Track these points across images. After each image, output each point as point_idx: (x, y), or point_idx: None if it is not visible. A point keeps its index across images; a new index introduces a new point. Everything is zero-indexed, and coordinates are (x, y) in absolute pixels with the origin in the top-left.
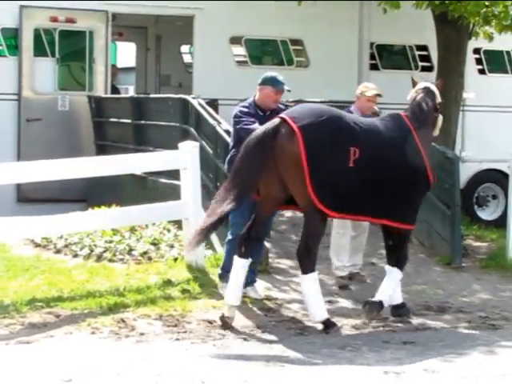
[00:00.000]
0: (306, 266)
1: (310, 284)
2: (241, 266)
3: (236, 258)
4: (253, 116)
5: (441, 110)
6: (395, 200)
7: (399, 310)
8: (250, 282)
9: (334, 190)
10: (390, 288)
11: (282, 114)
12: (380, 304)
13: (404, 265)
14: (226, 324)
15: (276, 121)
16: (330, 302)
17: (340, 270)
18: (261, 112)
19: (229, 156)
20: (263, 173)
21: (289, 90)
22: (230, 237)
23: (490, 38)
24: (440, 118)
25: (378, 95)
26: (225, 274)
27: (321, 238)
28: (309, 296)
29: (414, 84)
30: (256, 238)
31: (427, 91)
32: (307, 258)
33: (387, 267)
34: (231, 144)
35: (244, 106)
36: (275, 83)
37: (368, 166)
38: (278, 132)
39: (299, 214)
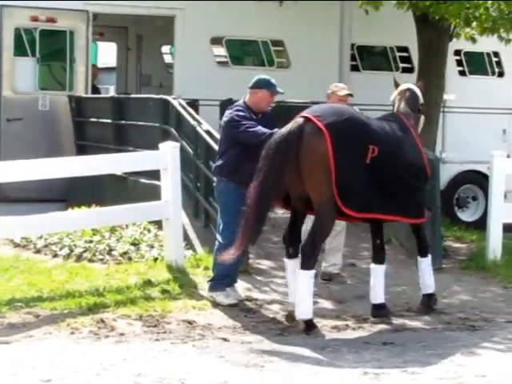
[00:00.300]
0: (307, 263)
1: (305, 280)
2: (292, 266)
3: (286, 260)
4: (249, 119)
5: (423, 110)
6: (405, 196)
7: (380, 311)
8: (230, 282)
9: (353, 189)
10: (383, 285)
11: (305, 113)
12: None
13: (428, 252)
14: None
15: (300, 120)
16: None
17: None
18: (253, 115)
19: (221, 161)
20: (289, 172)
21: (282, 93)
22: (223, 242)
23: (473, 40)
24: (422, 118)
25: (350, 95)
26: (218, 285)
27: (327, 236)
28: (301, 292)
29: (397, 85)
30: (297, 238)
31: (411, 92)
32: (310, 255)
33: (373, 266)
34: (222, 149)
35: (239, 110)
36: (270, 86)
37: (382, 164)
38: (304, 131)
39: (280, 215)
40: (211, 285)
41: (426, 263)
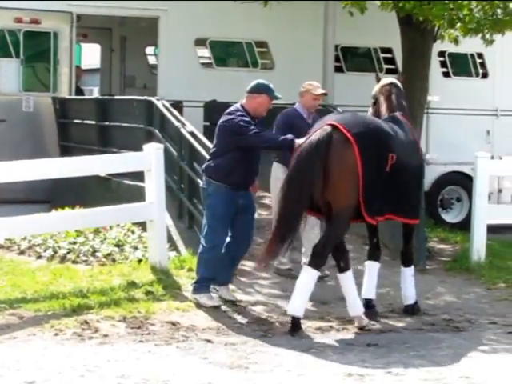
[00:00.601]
0: (315, 262)
1: (308, 278)
2: (347, 277)
3: (339, 275)
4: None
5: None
6: (409, 197)
7: (369, 311)
8: (225, 281)
9: (375, 195)
10: (375, 282)
11: (332, 121)
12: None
13: (412, 262)
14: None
15: (328, 128)
16: None
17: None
18: (252, 120)
19: (214, 163)
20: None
21: (280, 98)
22: (206, 245)
23: (456, 41)
24: None
25: (324, 94)
26: (202, 287)
27: (340, 240)
28: (300, 288)
29: (378, 80)
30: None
31: (395, 86)
32: (321, 256)
33: (368, 262)
34: (218, 152)
35: (242, 115)
36: (271, 91)
37: (396, 170)
38: (332, 139)
39: (264, 217)
40: (195, 287)
41: (409, 273)
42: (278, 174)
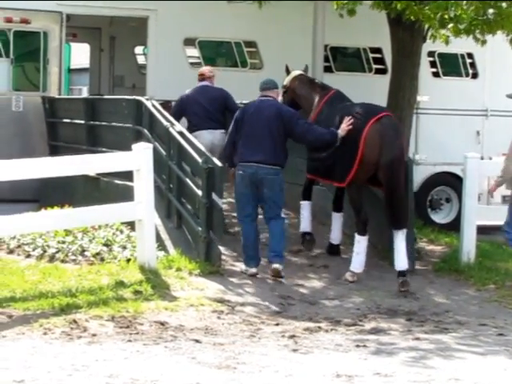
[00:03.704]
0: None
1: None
2: (365, 241)
3: (363, 237)
4: None
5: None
6: None
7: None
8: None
9: None
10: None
11: (384, 111)
12: None
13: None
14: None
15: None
16: (281, 304)
17: None
18: None
19: (281, 154)
20: None
21: None
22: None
23: (447, 41)
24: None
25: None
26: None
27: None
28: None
29: (288, 71)
30: None
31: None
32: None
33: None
34: (279, 142)
35: None
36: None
37: None
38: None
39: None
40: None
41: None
42: None
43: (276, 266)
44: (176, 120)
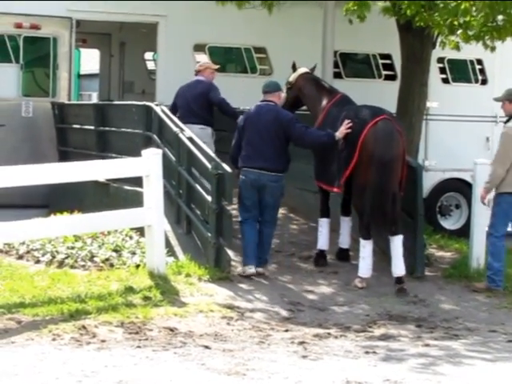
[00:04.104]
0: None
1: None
2: (370, 245)
3: (367, 242)
4: None
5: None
6: None
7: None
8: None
9: None
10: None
11: (386, 115)
12: None
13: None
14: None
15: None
16: (291, 310)
17: None
18: None
19: (283, 159)
20: None
21: None
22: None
23: (457, 47)
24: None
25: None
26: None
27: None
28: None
29: (295, 68)
30: None
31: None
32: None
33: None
34: (282, 147)
35: None
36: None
37: None
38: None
39: None
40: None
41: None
42: None
43: (261, 270)
44: (173, 113)
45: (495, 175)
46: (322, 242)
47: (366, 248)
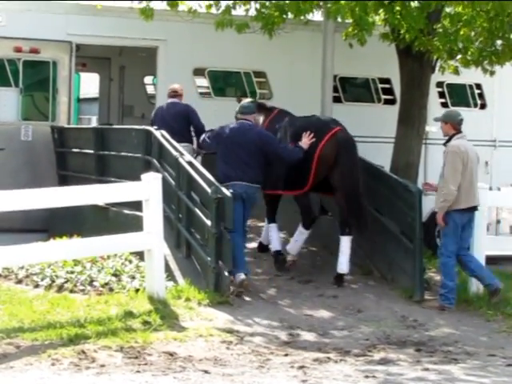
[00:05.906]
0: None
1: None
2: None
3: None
4: None
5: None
6: None
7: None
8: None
9: None
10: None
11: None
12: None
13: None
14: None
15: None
16: (290, 335)
17: None
18: None
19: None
20: None
21: None
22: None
23: (457, 72)
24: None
25: None
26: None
27: None
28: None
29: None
30: None
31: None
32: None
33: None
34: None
35: None
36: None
37: None
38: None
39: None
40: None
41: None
42: None
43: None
44: None
45: (449, 193)
46: (276, 244)
47: (303, 235)
